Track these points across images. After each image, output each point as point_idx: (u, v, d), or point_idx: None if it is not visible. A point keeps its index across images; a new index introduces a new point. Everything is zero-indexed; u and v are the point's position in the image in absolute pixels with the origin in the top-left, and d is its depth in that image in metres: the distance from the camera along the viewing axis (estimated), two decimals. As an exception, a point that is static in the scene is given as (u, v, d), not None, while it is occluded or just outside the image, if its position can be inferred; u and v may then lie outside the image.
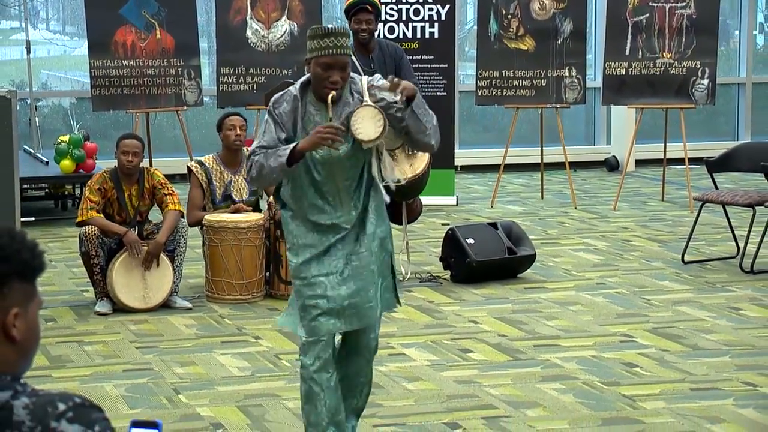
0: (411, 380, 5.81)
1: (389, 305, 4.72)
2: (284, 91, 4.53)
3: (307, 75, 4.50)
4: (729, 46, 14.55)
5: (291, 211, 4.58)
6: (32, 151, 11.49)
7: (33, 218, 10.49)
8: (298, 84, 4.49)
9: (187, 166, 7.95)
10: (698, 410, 5.42)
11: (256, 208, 7.75)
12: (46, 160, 10.90)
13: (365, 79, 4.52)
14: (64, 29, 14.94)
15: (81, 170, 10.33)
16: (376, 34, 8.17)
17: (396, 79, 4.46)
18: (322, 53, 4.33)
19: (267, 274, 7.67)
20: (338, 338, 4.74)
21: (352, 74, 4.50)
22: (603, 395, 5.66)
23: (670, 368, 6.08)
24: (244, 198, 7.79)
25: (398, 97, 4.37)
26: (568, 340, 6.63)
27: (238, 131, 7.78)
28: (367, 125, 4.35)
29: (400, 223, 8.02)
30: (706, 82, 10.97)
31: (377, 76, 4.61)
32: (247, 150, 7.95)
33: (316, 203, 4.51)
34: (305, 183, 4.50)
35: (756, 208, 8.48)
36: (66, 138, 10.47)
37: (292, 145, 4.35)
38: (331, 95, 4.35)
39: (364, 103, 4.40)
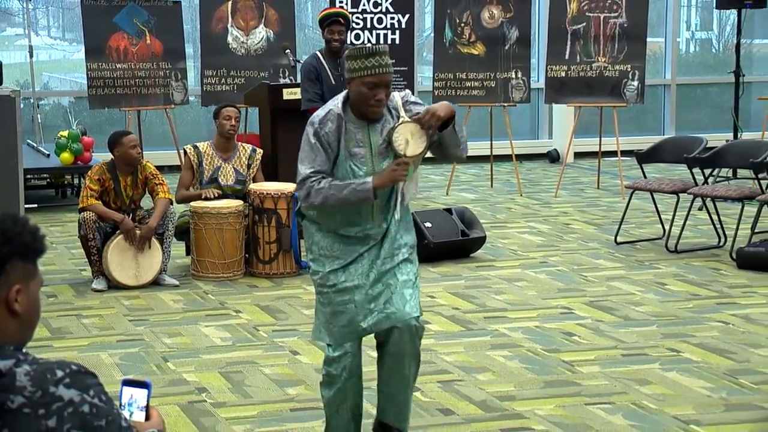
0: (374, 348, 5.80)
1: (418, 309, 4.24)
2: (328, 109, 4.08)
3: (345, 92, 4.11)
4: (656, 52, 14.60)
5: (316, 224, 4.20)
6: (35, 145, 11.43)
7: (36, 205, 10.46)
8: (339, 102, 4.09)
9: (183, 148, 7.98)
10: (628, 373, 5.45)
11: (245, 198, 7.72)
12: (47, 153, 10.87)
13: (398, 95, 4.14)
14: (64, 35, 14.89)
15: (79, 162, 10.33)
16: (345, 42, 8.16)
17: (422, 115, 4.01)
18: (367, 73, 3.96)
19: (246, 254, 7.66)
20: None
21: None
22: (545, 361, 5.68)
23: (604, 337, 6.11)
24: (229, 183, 7.78)
25: (432, 124, 3.98)
26: (514, 312, 6.65)
27: (233, 122, 7.78)
28: (409, 141, 4.00)
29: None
30: (636, 83, 11.02)
31: (408, 92, 4.24)
32: (242, 145, 7.99)
33: (349, 217, 4.14)
34: None
35: (679, 194, 8.53)
36: (65, 133, 10.45)
37: (370, 181, 3.98)
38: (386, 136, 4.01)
39: (404, 120, 4.03)
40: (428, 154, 4.19)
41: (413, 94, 4.29)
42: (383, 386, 4.32)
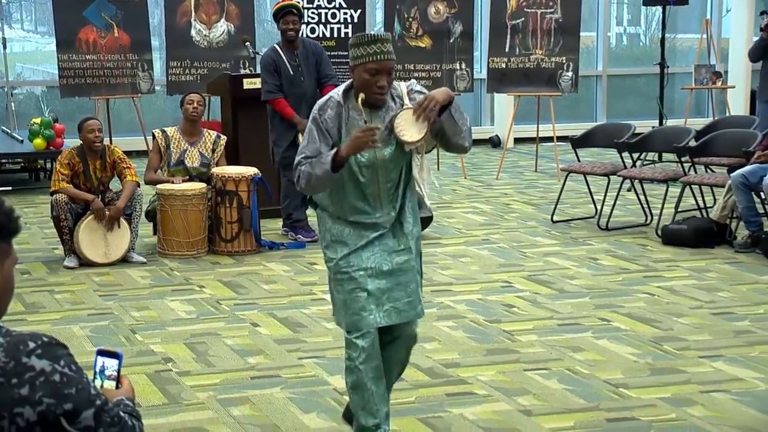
0: (329, 320, 5.81)
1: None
2: (327, 97, 3.92)
3: (349, 81, 3.93)
4: (588, 45, 14.68)
5: (327, 211, 4.01)
6: (9, 131, 11.30)
7: (10, 188, 10.35)
8: (340, 90, 3.91)
9: (152, 133, 7.94)
10: (563, 342, 5.49)
11: (208, 180, 7.68)
12: (21, 138, 10.76)
13: (404, 84, 3.96)
14: (36, 28, 14.71)
15: (51, 147, 10.24)
16: (300, 33, 8.12)
17: (421, 103, 3.81)
18: (369, 59, 3.77)
19: (209, 234, 7.62)
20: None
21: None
22: (487, 331, 5.70)
23: (541, 308, 6.15)
24: (195, 165, 7.74)
25: (431, 108, 3.79)
26: (459, 286, 6.67)
27: (196, 105, 7.79)
28: (411, 127, 3.82)
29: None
30: (570, 74, 11.07)
31: (413, 81, 4.02)
32: (207, 131, 7.95)
33: (357, 205, 3.93)
34: (349, 185, 3.92)
35: (610, 177, 8.60)
36: (38, 120, 10.36)
37: (333, 152, 3.80)
38: (360, 97, 3.83)
39: (406, 107, 3.84)
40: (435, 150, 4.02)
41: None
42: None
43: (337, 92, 3.91)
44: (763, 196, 7.51)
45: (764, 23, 9.82)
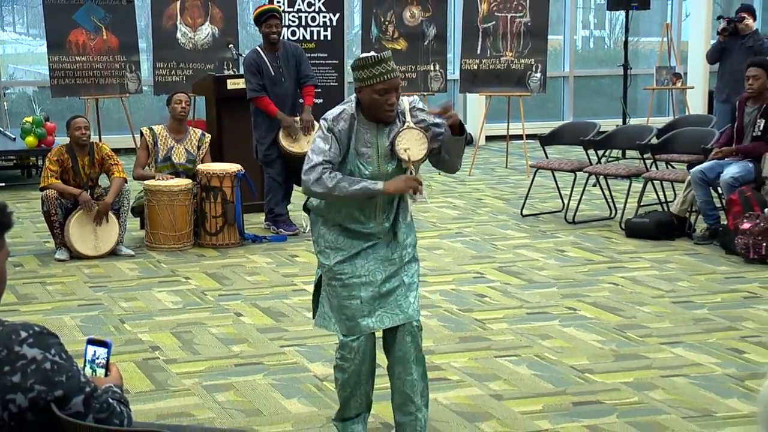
0: (310, 310, 5.78)
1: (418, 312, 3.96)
2: (341, 109, 3.79)
3: (355, 96, 3.80)
4: (556, 48, 14.72)
5: (322, 217, 3.90)
6: (2, 129, 11.22)
7: (3, 184, 10.29)
8: (353, 104, 3.78)
9: (140, 130, 7.89)
10: (532, 329, 5.51)
11: (194, 177, 7.65)
12: (13, 136, 10.70)
13: (407, 100, 3.86)
14: (28, 31, 14.61)
15: (42, 145, 10.19)
16: (281, 36, 8.10)
17: (448, 106, 3.74)
18: (377, 80, 3.69)
19: (195, 227, 7.59)
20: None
21: None
22: (460, 319, 5.71)
23: (511, 297, 6.16)
24: (181, 162, 7.71)
25: (444, 120, 3.73)
26: (433, 276, 6.67)
27: (183, 104, 7.73)
28: (412, 146, 3.75)
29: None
30: (538, 75, 11.09)
31: (416, 98, 3.93)
32: (193, 129, 7.91)
33: (353, 213, 3.84)
34: None
35: (576, 173, 8.62)
36: (30, 119, 10.31)
37: (381, 186, 3.70)
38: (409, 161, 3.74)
39: (408, 125, 3.76)
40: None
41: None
42: (395, 396, 3.97)
43: (350, 106, 3.79)
44: (720, 191, 7.55)
45: (720, 27, 9.86)
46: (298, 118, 7.86)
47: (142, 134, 7.80)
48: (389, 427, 4.16)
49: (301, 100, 8.01)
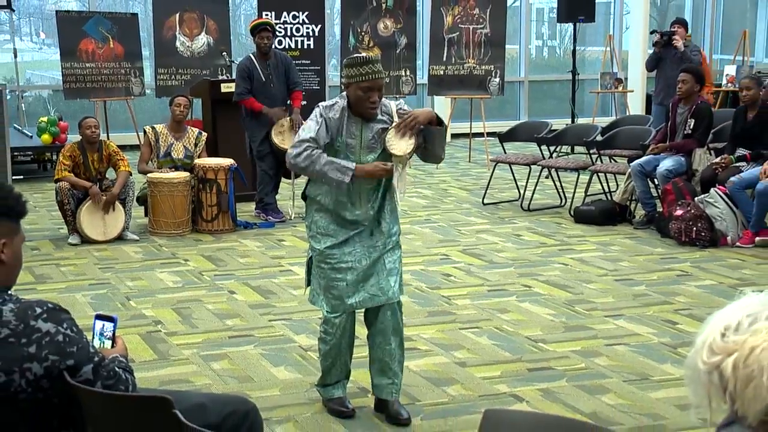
0: (295, 288, 5.80)
1: (399, 292, 3.93)
2: (335, 101, 3.77)
3: (345, 93, 3.77)
4: (513, 55, 14.74)
5: (317, 204, 3.86)
6: (20, 128, 11.12)
7: (21, 177, 10.20)
8: (345, 99, 3.76)
9: (144, 129, 7.82)
10: (492, 305, 5.52)
11: (192, 170, 7.61)
12: (30, 134, 10.61)
13: (393, 103, 3.84)
14: (43, 40, 14.50)
15: (56, 142, 10.11)
16: (272, 46, 8.06)
17: (410, 116, 3.75)
18: (363, 78, 3.67)
19: (192, 215, 7.55)
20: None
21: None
22: (428, 296, 5.72)
23: (474, 276, 6.17)
24: (180, 157, 7.66)
25: (412, 126, 3.74)
26: (405, 258, 6.57)
27: (182, 108, 7.66)
28: (400, 142, 3.74)
29: (290, 177, 7.96)
30: (497, 80, 11.10)
31: (402, 101, 3.90)
32: (191, 128, 7.85)
33: (341, 200, 3.81)
34: None
35: (531, 166, 8.65)
36: (45, 119, 10.23)
37: (352, 167, 3.69)
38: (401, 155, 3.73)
39: (395, 124, 3.76)
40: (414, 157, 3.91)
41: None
42: (375, 362, 3.96)
43: (342, 101, 3.77)
44: (656, 182, 7.60)
45: (654, 40, 9.92)
46: (288, 118, 7.84)
47: (145, 133, 7.75)
48: (366, 391, 4.17)
49: (289, 102, 8.00)
